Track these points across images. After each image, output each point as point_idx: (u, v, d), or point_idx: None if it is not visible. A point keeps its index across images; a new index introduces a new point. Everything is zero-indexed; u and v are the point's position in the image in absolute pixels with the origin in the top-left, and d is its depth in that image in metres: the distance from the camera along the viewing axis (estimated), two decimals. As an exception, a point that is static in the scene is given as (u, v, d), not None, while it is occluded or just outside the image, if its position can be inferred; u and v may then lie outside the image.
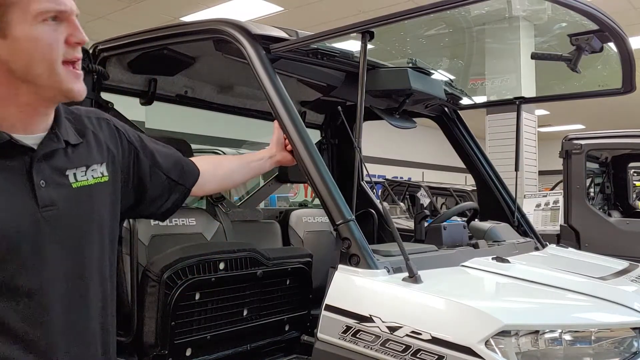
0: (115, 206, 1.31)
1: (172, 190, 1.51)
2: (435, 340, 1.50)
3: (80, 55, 1.15)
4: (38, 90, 1.12)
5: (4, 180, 1.09)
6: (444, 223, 2.57)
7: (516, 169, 2.87)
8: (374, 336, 1.59)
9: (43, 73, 1.10)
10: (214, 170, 1.66)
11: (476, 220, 2.94)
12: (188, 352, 2.34)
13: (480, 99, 3.37)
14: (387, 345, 1.57)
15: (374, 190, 5.41)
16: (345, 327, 1.65)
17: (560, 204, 5.60)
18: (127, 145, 1.38)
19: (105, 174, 1.27)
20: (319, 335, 1.70)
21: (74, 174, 1.20)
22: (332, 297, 1.70)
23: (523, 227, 2.98)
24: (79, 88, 1.15)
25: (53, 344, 1.12)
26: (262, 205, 4.05)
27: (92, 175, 1.23)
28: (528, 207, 5.85)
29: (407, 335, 1.54)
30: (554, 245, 2.99)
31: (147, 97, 2.88)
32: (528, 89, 3.35)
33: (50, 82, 1.11)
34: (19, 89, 1.11)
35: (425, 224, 2.70)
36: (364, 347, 1.60)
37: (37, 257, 1.11)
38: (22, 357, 1.09)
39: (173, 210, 1.53)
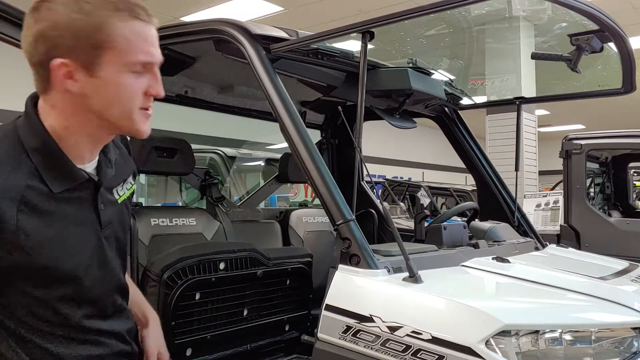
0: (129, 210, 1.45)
1: None
2: (435, 340, 1.50)
3: (152, 102, 1.23)
4: (110, 126, 1.21)
5: (76, 212, 1.21)
6: (444, 223, 2.57)
7: (516, 169, 2.87)
8: (374, 336, 1.59)
9: (119, 115, 1.19)
10: None
11: (476, 220, 2.94)
12: (188, 352, 2.34)
13: (480, 99, 3.37)
14: (387, 345, 1.57)
15: (374, 190, 5.41)
16: (345, 327, 1.65)
17: (561, 204, 5.60)
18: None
19: (132, 182, 1.42)
20: (319, 335, 1.70)
21: (117, 191, 1.34)
22: (332, 297, 1.70)
23: (523, 227, 2.98)
24: (147, 129, 1.24)
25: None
26: (262, 205, 4.05)
27: (127, 188, 1.39)
28: (528, 207, 5.85)
29: (407, 335, 1.54)
30: (554, 245, 2.99)
31: (147, 97, 2.87)
32: (528, 89, 3.36)
33: (123, 123, 1.20)
34: (92, 121, 1.19)
35: (426, 224, 2.70)
36: (364, 347, 1.60)
37: (103, 270, 1.27)
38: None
39: None
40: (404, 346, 1.54)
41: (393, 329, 1.56)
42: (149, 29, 1.19)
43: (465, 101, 3.16)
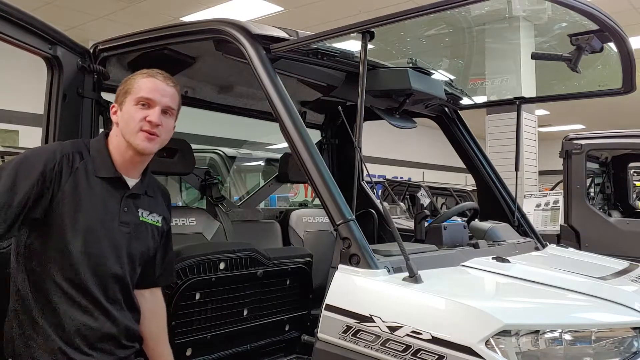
0: (156, 245, 1.92)
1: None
2: (435, 340, 1.50)
3: (153, 129, 1.76)
4: (128, 144, 1.78)
5: (108, 199, 1.76)
6: (444, 223, 2.57)
7: (516, 169, 2.87)
8: (374, 336, 1.59)
9: (127, 133, 1.77)
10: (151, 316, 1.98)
11: (476, 220, 2.94)
12: (188, 352, 2.35)
13: (480, 99, 3.37)
14: (387, 345, 1.57)
15: (374, 190, 5.41)
16: (345, 327, 1.65)
17: (561, 204, 5.60)
18: (166, 219, 1.98)
19: (159, 222, 1.91)
20: (319, 335, 1.70)
21: (142, 212, 1.85)
22: (333, 297, 1.71)
23: (523, 227, 2.98)
24: (144, 146, 1.76)
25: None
26: (262, 205, 4.05)
27: (151, 219, 1.88)
28: (528, 207, 5.85)
29: (407, 335, 1.54)
30: (554, 245, 2.99)
31: (147, 97, 2.87)
32: (528, 89, 3.35)
33: (129, 139, 1.77)
34: (123, 141, 1.79)
35: (426, 224, 2.70)
36: (364, 346, 1.61)
37: (112, 244, 1.75)
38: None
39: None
40: (404, 346, 1.54)
41: (393, 329, 1.56)
42: (161, 84, 1.80)
43: (465, 101, 3.16)
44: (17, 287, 1.71)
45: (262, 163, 5.99)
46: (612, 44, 2.26)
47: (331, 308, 1.69)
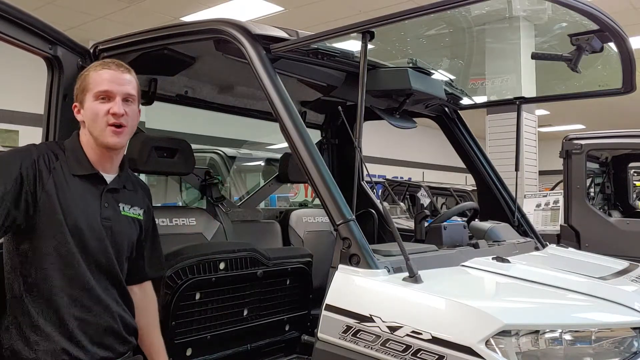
0: (139, 237, 1.93)
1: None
2: (435, 340, 1.50)
3: (118, 120, 1.76)
4: (96, 141, 1.78)
5: (88, 196, 1.77)
6: (444, 223, 2.57)
7: (516, 169, 2.87)
8: (374, 336, 1.59)
9: (94, 131, 1.77)
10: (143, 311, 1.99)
11: (476, 220, 2.94)
12: (188, 352, 2.35)
13: (480, 99, 3.37)
14: (387, 345, 1.57)
15: (374, 190, 5.41)
16: (345, 327, 1.65)
17: (561, 204, 5.60)
18: (148, 211, 1.98)
19: (141, 215, 1.92)
20: (319, 335, 1.70)
21: (123, 207, 1.86)
22: (333, 297, 1.71)
23: (523, 227, 2.98)
24: (115, 142, 1.77)
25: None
26: (262, 205, 4.05)
27: (133, 212, 1.89)
28: (528, 207, 5.85)
29: (407, 335, 1.54)
30: (554, 245, 2.99)
31: (148, 97, 2.88)
32: (528, 89, 3.34)
33: (97, 136, 1.77)
34: (91, 139, 1.79)
35: (426, 224, 2.70)
36: (365, 346, 1.61)
37: (98, 238, 1.76)
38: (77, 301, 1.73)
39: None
40: (404, 346, 1.54)
41: (393, 329, 1.56)
42: (115, 73, 1.79)
43: (465, 101, 3.16)
44: (14, 294, 1.71)
45: (262, 163, 5.99)
46: (612, 44, 2.26)
47: (331, 308, 1.69)
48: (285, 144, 1.97)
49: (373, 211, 3.52)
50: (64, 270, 1.69)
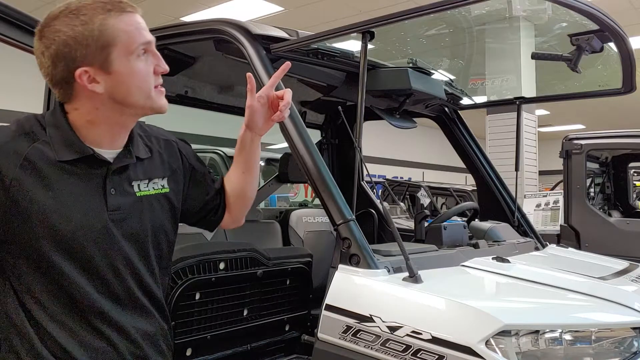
0: (174, 214, 1.49)
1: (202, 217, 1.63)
2: (435, 340, 1.50)
3: (161, 79, 1.37)
4: (135, 111, 1.35)
5: (84, 187, 1.30)
6: (444, 223, 2.57)
7: (516, 169, 2.87)
8: (374, 336, 1.59)
9: (140, 98, 1.32)
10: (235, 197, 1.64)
11: (476, 220, 2.94)
12: (188, 352, 2.34)
13: (480, 99, 3.37)
14: (387, 345, 1.57)
15: (374, 190, 5.41)
16: (345, 327, 1.65)
17: (561, 204, 5.60)
18: (187, 166, 1.56)
19: (166, 186, 1.45)
20: (319, 335, 1.70)
21: (138, 185, 1.39)
22: (333, 297, 1.71)
23: (523, 227, 2.98)
24: (165, 104, 1.39)
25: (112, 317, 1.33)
26: (262, 205, 4.05)
27: (153, 187, 1.42)
28: (528, 207, 5.85)
29: (407, 335, 1.54)
30: (554, 245, 2.99)
31: (148, 97, 2.88)
32: (528, 89, 3.35)
33: (144, 104, 1.34)
34: (116, 111, 1.32)
35: (426, 224, 2.70)
36: (364, 346, 1.61)
37: (107, 249, 1.31)
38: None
39: (214, 223, 1.66)
40: (404, 346, 1.54)
41: (393, 329, 1.56)
42: (136, 17, 1.34)
43: (465, 101, 3.16)
44: (8, 315, 1.30)
45: (262, 163, 5.99)
46: (612, 44, 2.26)
47: (331, 308, 1.69)
48: (285, 144, 1.97)
49: (373, 211, 3.52)
50: (63, 290, 1.27)
